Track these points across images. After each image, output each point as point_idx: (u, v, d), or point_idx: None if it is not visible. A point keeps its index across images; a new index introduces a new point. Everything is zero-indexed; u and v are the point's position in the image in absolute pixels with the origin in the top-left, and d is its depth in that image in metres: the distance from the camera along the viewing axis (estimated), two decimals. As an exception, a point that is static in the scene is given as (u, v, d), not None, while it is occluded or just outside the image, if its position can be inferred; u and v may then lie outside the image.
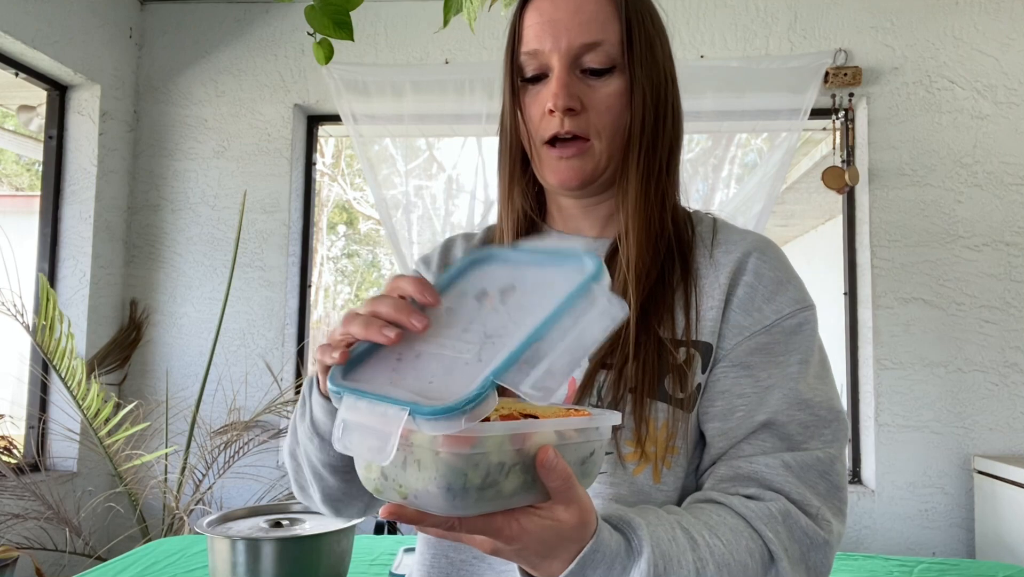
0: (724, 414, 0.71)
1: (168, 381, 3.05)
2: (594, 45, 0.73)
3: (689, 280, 0.74)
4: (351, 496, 0.76)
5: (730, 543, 0.62)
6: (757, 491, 0.67)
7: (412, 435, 0.46)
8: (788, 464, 0.68)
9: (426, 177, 3.15)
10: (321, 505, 0.79)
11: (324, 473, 0.73)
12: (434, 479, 0.45)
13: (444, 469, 0.45)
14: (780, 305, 0.73)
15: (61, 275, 2.94)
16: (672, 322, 0.72)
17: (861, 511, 2.77)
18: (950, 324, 2.77)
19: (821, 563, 0.67)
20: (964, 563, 1.76)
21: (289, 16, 3.13)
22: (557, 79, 0.73)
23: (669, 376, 0.70)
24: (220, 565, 1.17)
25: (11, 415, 2.99)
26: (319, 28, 1.39)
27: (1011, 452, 2.70)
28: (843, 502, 0.70)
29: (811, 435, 0.70)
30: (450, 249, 0.90)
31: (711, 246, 0.77)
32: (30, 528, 2.55)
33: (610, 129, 0.74)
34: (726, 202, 3.00)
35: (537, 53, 0.74)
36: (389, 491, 0.48)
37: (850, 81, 2.82)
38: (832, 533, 0.67)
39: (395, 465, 0.47)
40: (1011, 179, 2.79)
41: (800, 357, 0.72)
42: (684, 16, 2.95)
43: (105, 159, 3.00)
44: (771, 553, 0.64)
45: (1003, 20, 2.84)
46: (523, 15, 0.77)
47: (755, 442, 0.69)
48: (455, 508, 0.47)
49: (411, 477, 0.46)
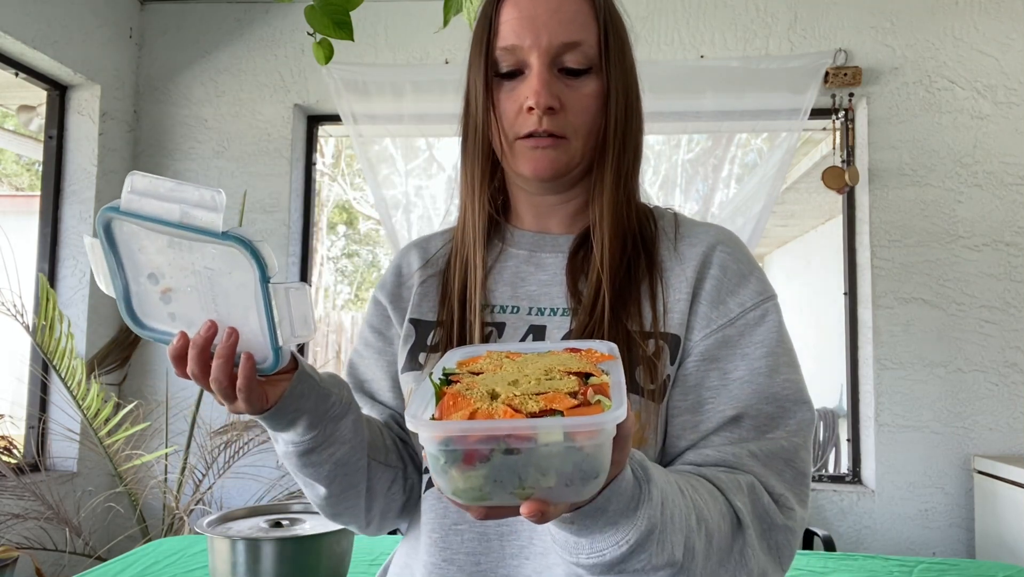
0: (693, 407, 0.72)
1: (168, 381, 3.05)
2: (574, 45, 0.73)
3: (654, 273, 0.76)
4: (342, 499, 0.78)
5: (708, 503, 0.64)
6: (727, 470, 0.69)
7: (539, 436, 0.45)
8: (754, 453, 0.70)
9: (426, 177, 3.15)
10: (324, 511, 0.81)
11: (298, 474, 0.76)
12: (572, 471, 0.46)
13: (584, 460, 0.46)
14: (743, 298, 0.75)
15: (61, 275, 2.94)
16: (640, 315, 0.74)
17: (861, 511, 2.77)
18: (950, 324, 2.77)
19: (783, 545, 0.68)
20: (964, 563, 1.76)
21: (289, 16, 3.13)
22: (538, 77, 0.73)
23: (639, 368, 0.71)
24: (220, 565, 1.17)
25: (11, 415, 2.99)
26: (319, 28, 1.39)
27: (1011, 452, 2.70)
28: (807, 489, 0.72)
29: (776, 425, 0.71)
30: (404, 261, 0.89)
31: (675, 240, 0.78)
32: (30, 528, 2.55)
33: (585, 129, 0.75)
34: (726, 202, 3.01)
35: (515, 49, 0.74)
36: (501, 495, 0.47)
37: (850, 81, 2.82)
38: (795, 520, 0.69)
39: (514, 468, 0.46)
40: (1011, 179, 2.79)
41: (766, 349, 0.73)
42: (684, 16, 2.95)
43: (105, 159, 3.00)
44: (740, 520, 0.66)
45: (1003, 20, 2.84)
46: (499, 9, 0.76)
47: (723, 434, 0.71)
48: (588, 494, 0.48)
49: (538, 476, 0.46)
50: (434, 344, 0.80)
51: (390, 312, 0.87)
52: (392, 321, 0.87)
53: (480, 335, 0.77)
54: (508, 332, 0.78)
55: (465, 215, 0.82)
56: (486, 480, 0.46)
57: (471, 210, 0.81)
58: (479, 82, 0.77)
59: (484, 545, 0.73)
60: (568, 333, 0.75)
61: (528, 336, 0.77)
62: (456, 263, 0.82)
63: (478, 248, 0.80)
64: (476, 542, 0.74)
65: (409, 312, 0.85)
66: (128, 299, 0.63)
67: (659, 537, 0.57)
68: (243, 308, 0.60)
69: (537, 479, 0.46)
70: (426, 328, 0.82)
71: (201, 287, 0.61)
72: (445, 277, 0.84)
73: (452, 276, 0.82)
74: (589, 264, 0.77)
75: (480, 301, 0.78)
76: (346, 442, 0.73)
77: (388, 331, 0.87)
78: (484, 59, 0.76)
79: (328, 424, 0.71)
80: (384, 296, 0.88)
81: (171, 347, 0.62)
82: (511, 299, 0.80)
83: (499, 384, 0.51)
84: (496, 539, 0.73)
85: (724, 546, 0.64)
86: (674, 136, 3.08)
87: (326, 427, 0.71)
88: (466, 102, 0.80)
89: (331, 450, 0.72)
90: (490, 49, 0.75)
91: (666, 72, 2.89)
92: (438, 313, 0.82)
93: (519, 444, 0.45)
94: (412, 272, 0.88)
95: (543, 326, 0.77)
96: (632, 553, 0.57)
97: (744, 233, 2.88)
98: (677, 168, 3.06)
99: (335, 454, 0.73)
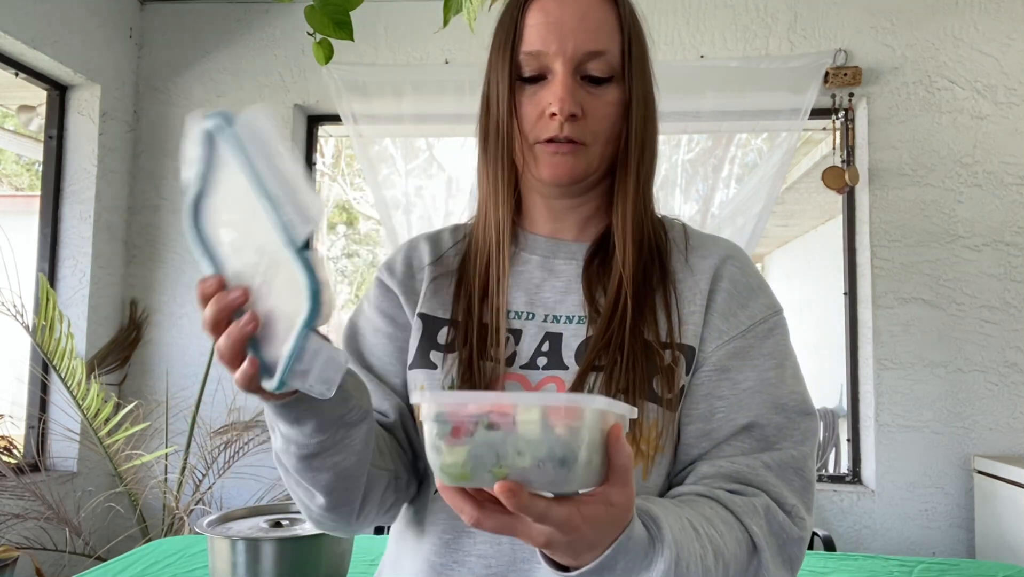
0: (705, 416, 0.74)
1: (168, 381, 3.05)
2: (599, 53, 0.74)
3: (668, 283, 0.77)
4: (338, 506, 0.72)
5: (723, 534, 0.65)
6: (740, 487, 0.71)
7: (518, 411, 0.47)
8: (767, 464, 0.72)
9: (426, 177, 3.15)
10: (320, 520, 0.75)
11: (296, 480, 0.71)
12: (547, 454, 0.46)
13: (558, 443, 0.46)
14: (754, 311, 0.77)
15: (61, 275, 2.94)
16: (656, 324, 0.75)
17: (861, 511, 2.77)
18: (950, 324, 2.77)
19: (796, 556, 0.71)
20: (964, 563, 1.76)
21: (289, 16, 3.13)
22: (563, 84, 0.73)
23: (658, 377, 0.73)
24: (220, 565, 1.17)
25: (11, 415, 2.99)
26: (319, 28, 1.39)
27: (1011, 452, 2.70)
28: (813, 496, 0.74)
29: (785, 436, 0.74)
30: (414, 253, 0.88)
31: (685, 251, 0.80)
32: (30, 528, 2.55)
33: (604, 136, 0.76)
34: (726, 202, 3.01)
35: (540, 54, 0.74)
36: (480, 474, 0.48)
37: (850, 81, 2.82)
38: (805, 529, 0.72)
39: (493, 445, 0.47)
40: (1011, 179, 2.79)
41: (775, 361, 0.76)
42: (684, 16, 2.95)
43: (105, 159, 3.00)
44: (755, 544, 0.67)
45: (1003, 20, 2.84)
46: (525, 13, 0.76)
47: (735, 444, 0.73)
48: (563, 483, 0.48)
49: (515, 456, 0.47)
50: (448, 343, 0.79)
51: (402, 301, 0.85)
52: (404, 309, 0.85)
53: (502, 340, 0.77)
54: (524, 339, 0.78)
55: (487, 216, 0.81)
56: (468, 456, 0.48)
57: (494, 212, 0.80)
58: (502, 85, 0.76)
59: (496, 549, 0.73)
60: (585, 341, 0.76)
61: (544, 343, 0.77)
62: (476, 263, 0.81)
63: (504, 251, 0.79)
64: (488, 545, 0.74)
65: (419, 305, 0.84)
66: (198, 198, 0.57)
67: None
68: (279, 315, 0.55)
69: (513, 458, 0.47)
70: (435, 324, 0.82)
71: (259, 261, 0.56)
72: (461, 275, 0.83)
73: (471, 276, 0.81)
74: (605, 272, 0.78)
75: (504, 306, 0.78)
76: (355, 453, 0.69)
77: (400, 318, 0.85)
78: (508, 62, 0.76)
79: (340, 429, 0.66)
80: (395, 284, 0.86)
81: (203, 282, 0.57)
82: (527, 305, 0.80)
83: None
84: (508, 543, 0.73)
85: (740, 572, 0.65)
86: (674, 136, 3.08)
87: (337, 432, 0.66)
88: (486, 103, 0.79)
89: (337, 458, 0.68)
90: (514, 53, 0.75)
91: (666, 72, 2.85)
92: (452, 312, 0.81)
93: (500, 420, 0.47)
94: (423, 265, 0.86)
95: (559, 334, 0.77)
96: None
97: (744, 233, 2.89)
98: (677, 168, 3.06)
99: (341, 463, 0.68)
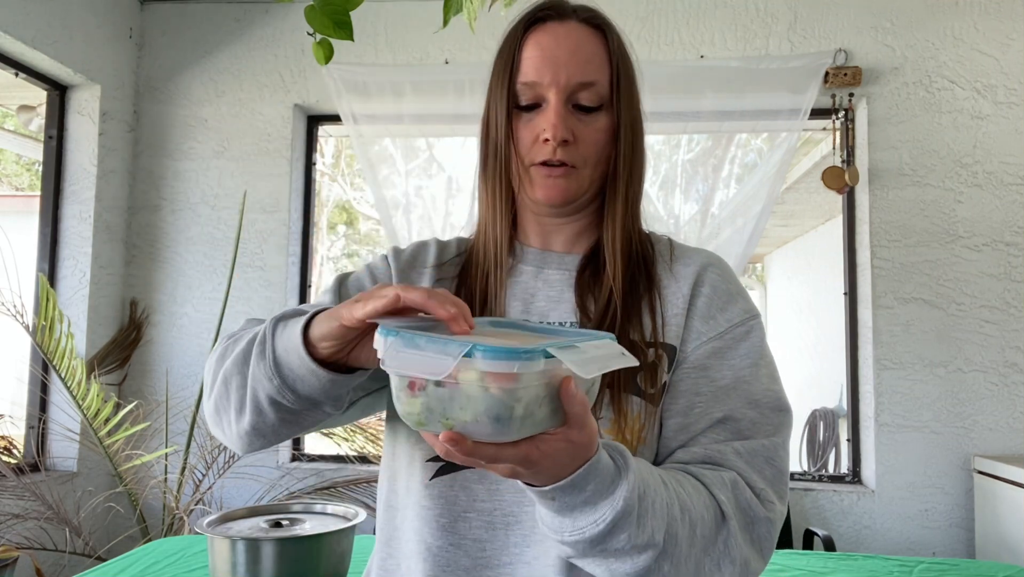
0: (685, 410, 0.80)
1: (168, 381, 3.05)
2: (589, 84, 0.81)
3: (653, 290, 0.85)
4: (277, 435, 0.76)
5: (691, 495, 0.70)
6: (711, 468, 0.76)
7: (460, 373, 0.52)
8: (738, 451, 0.77)
9: (426, 177, 3.15)
10: (241, 435, 0.77)
11: (266, 407, 0.73)
12: (484, 411, 0.52)
13: (493, 402, 0.51)
14: (732, 315, 0.84)
15: (61, 275, 2.94)
16: (641, 326, 0.82)
17: (861, 511, 2.77)
18: (950, 324, 2.77)
19: (764, 537, 0.74)
20: (964, 563, 1.76)
21: (289, 16, 3.13)
22: (555, 112, 0.80)
23: (641, 373, 0.79)
24: (220, 565, 1.17)
25: (11, 415, 2.99)
26: (319, 28, 1.39)
27: (1011, 452, 2.70)
28: (786, 486, 0.79)
29: (758, 429, 0.79)
30: (423, 251, 0.93)
31: (670, 261, 0.88)
32: (30, 528, 2.55)
33: (594, 159, 0.83)
34: (726, 202, 3.00)
35: (535, 85, 0.81)
36: (433, 424, 0.54)
37: (850, 81, 2.82)
38: (775, 513, 0.76)
39: (442, 400, 0.53)
40: (1011, 179, 2.79)
41: (750, 361, 0.82)
42: (684, 16, 2.95)
43: (105, 159, 3.00)
44: (723, 512, 0.72)
45: (1003, 20, 2.84)
46: (522, 46, 0.83)
47: (710, 434, 0.79)
48: (500, 435, 0.53)
49: (458, 410, 0.53)
50: None
51: (395, 282, 0.89)
52: None
53: None
54: None
55: (487, 231, 0.88)
56: (423, 407, 0.54)
57: (492, 228, 0.87)
58: (501, 112, 0.83)
59: (491, 533, 0.79)
60: None
61: None
62: (476, 274, 0.88)
63: (503, 265, 0.87)
64: (483, 529, 0.79)
65: None
66: None
67: (638, 519, 0.63)
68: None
69: (457, 412, 0.52)
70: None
71: None
72: (461, 282, 0.89)
73: (472, 284, 0.88)
74: (596, 282, 0.85)
75: (503, 314, 0.86)
76: (329, 415, 0.75)
77: None
78: (506, 91, 0.83)
79: (336, 401, 0.72)
80: (396, 267, 0.91)
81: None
82: (523, 313, 0.86)
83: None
84: (502, 528, 0.78)
85: (708, 535, 0.70)
86: (674, 136, 3.08)
87: (328, 404, 0.72)
88: (485, 127, 0.86)
89: (314, 416, 0.73)
90: (512, 83, 0.82)
91: (666, 72, 2.89)
92: None
93: (446, 379, 0.52)
94: (427, 265, 0.91)
95: None
96: (611, 531, 0.62)
97: (744, 233, 2.89)
98: (677, 168, 3.06)
99: (312, 419, 0.74)
